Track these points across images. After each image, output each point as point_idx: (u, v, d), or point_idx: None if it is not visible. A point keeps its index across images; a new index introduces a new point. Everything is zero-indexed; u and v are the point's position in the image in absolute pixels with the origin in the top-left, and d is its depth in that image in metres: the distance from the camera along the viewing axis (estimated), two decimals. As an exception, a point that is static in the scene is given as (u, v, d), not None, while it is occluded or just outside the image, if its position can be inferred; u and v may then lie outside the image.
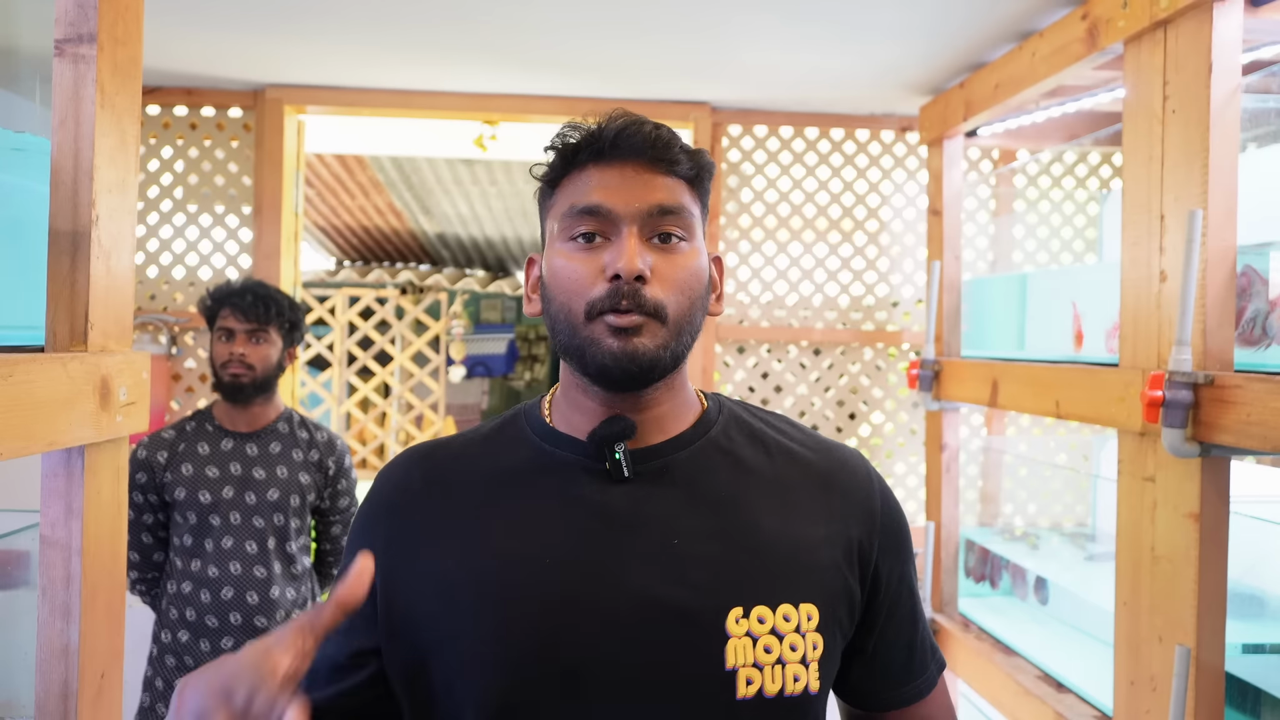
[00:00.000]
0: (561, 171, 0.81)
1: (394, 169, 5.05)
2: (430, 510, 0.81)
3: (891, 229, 2.78)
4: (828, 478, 0.84)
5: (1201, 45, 1.34)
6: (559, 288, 0.79)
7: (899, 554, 0.85)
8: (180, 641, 1.87)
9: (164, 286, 2.66)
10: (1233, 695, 1.40)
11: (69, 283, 0.92)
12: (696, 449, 0.82)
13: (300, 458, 1.98)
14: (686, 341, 0.79)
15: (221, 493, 1.89)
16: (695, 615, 0.75)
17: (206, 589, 1.87)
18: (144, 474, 1.90)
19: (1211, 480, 1.32)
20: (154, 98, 2.62)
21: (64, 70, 0.93)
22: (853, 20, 1.94)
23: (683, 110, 2.67)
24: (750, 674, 0.75)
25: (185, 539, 1.89)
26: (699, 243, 0.81)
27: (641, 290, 0.76)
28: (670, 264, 0.78)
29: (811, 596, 0.78)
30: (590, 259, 0.77)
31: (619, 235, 0.77)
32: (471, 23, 2.03)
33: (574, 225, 0.78)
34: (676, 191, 0.79)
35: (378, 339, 6.27)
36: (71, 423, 0.89)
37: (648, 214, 0.77)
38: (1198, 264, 1.31)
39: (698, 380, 2.72)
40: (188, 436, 1.94)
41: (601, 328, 0.76)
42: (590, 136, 0.79)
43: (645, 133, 0.78)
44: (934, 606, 2.28)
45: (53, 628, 0.94)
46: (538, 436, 0.84)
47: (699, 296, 0.80)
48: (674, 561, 0.76)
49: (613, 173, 0.78)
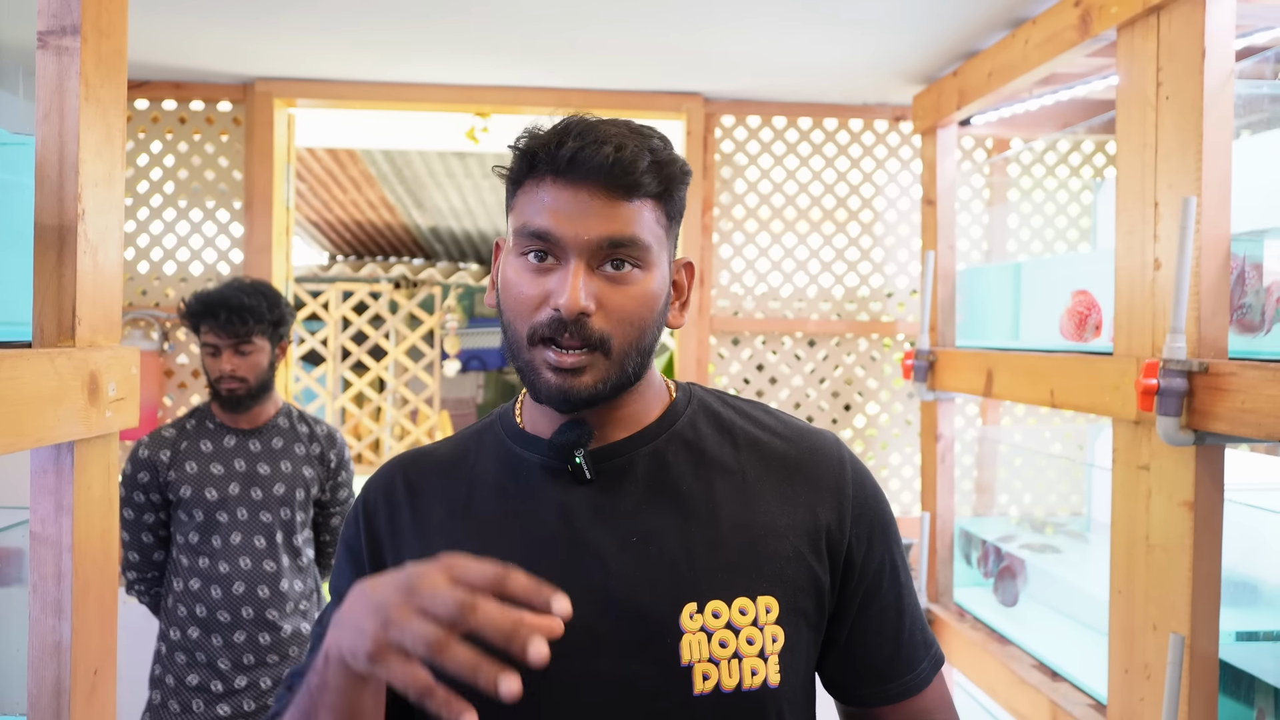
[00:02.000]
0: (520, 175, 0.79)
1: (386, 162, 5.03)
2: (411, 518, 0.83)
3: (885, 219, 2.77)
4: (795, 465, 0.83)
5: (1195, 31, 1.34)
6: (507, 303, 0.79)
7: (875, 540, 0.83)
8: (191, 638, 1.88)
9: (155, 282, 2.65)
10: (1226, 683, 1.41)
11: (56, 277, 0.91)
12: (660, 443, 0.82)
13: (303, 452, 1.99)
14: (634, 366, 0.79)
15: (228, 489, 1.90)
16: (650, 612, 0.76)
17: (217, 585, 1.88)
18: (146, 473, 1.90)
19: (1206, 468, 1.32)
20: (142, 91, 2.60)
21: (47, 63, 0.92)
22: (845, 9, 1.93)
23: (675, 101, 2.66)
24: (706, 669, 0.75)
25: (191, 536, 1.90)
26: (657, 265, 0.78)
27: (586, 323, 0.75)
28: (619, 293, 0.76)
29: (770, 589, 0.77)
30: (537, 281, 0.76)
31: (566, 264, 0.75)
32: (463, 14, 2.02)
33: (524, 243, 0.77)
34: (633, 220, 0.75)
35: (372, 334, 6.25)
36: (60, 418, 0.88)
37: (597, 246, 0.75)
38: (1192, 251, 1.31)
39: (690, 372, 2.72)
40: (189, 434, 1.94)
41: (541, 358, 0.76)
42: (547, 151, 0.75)
43: (603, 155, 0.73)
44: (929, 597, 2.28)
45: (44, 625, 0.93)
46: (509, 439, 0.85)
47: (650, 321, 0.78)
48: (631, 561, 0.77)
49: (567, 195, 0.75)
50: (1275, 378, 1.15)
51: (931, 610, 2.24)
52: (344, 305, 6.09)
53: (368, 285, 6.23)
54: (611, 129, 0.76)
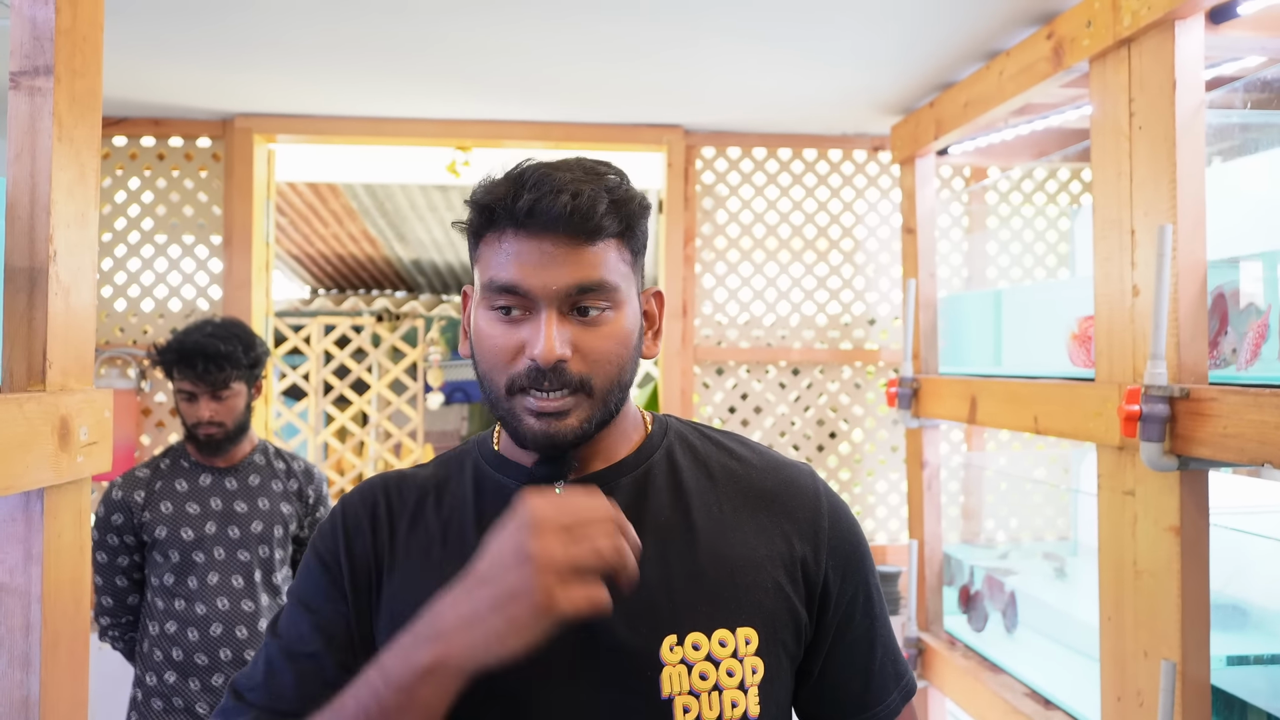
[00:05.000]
0: (480, 228, 0.78)
1: (367, 196, 5.03)
2: (391, 540, 0.82)
3: (866, 247, 2.79)
4: (772, 497, 0.83)
5: (1165, 62, 1.36)
6: (481, 354, 0.78)
7: (850, 572, 0.83)
8: (168, 683, 1.84)
9: (132, 319, 2.62)
10: (1219, 707, 1.40)
11: (26, 320, 0.90)
12: (638, 475, 0.82)
13: (280, 488, 1.97)
14: (616, 402, 0.79)
15: (204, 529, 1.87)
16: (629, 645, 0.75)
17: (194, 627, 1.84)
18: (120, 515, 1.86)
19: (1190, 493, 1.33)
20: (120, 129, 2.59)
21: (20, 103, 0.91)
22: (822, 43, 1.96)
23: (656, 133, 2.67)
24: (687, 702, 0.75)
25: (166, 578, 1.86)
26: (628, 299, 0.79)
27: (565, 369, 0.75)
28: (594, 336, 0.76)
29: (750, 620, 0.77)
30: (510, 333, 0.76)
31: (537, 315, 0.75)
32: (443, 49, 2.03)
33: (493, 297, 0.76)
34: (599, 263, 0.75)
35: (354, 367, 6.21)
36: (29, 465, 0.86)
37: (566, 293, 0.75)
38: (1169, 278, 1.32)
39: (675, 402, 2.71)
40: (163, 474, 1.91)
41: (522, 405, 0.76)
42: (504, 205, 0.75)
43: (561, 204, 0.73)
44: (919, 625, 2.27)
45: (11, 679, 0.90)
46: (488, 465, 0.84)
47: (627, 358, 0.79)
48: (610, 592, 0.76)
49: (530, 246, 0.74)
50: (1256, 402, 1.15)
51: (922, 639, 2.22)
52: (326, 339, 6.04)
53: (350, 319, 6.19)
54: (567, 175, 0.75)
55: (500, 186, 0.76)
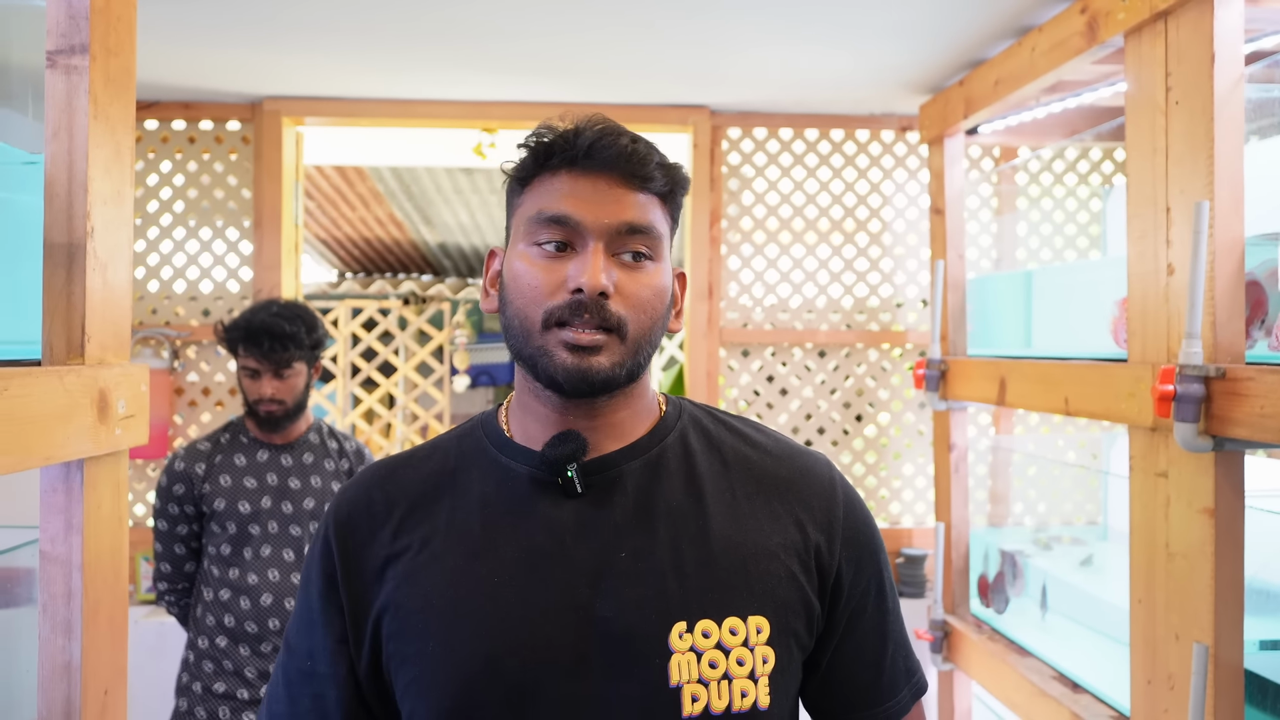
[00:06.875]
0: (533, 171, 0.79)
1: (394, 179, 5.06)
2: (390, 535, 0.80)
3: (894, 229, 2.76)
4: (786, 485, 0.82)
5: (1203, 35, 1.33)
6: (518, 292, 0.77)
7: (864, 564, 0.82)
8: (219, 647, 1.90)
9: (165, 301, 2.66)
10: (1252, 692, 1.38)
11: (65, 295, 0.91)
12: (650, 457, 0.81)
13: (332, 467, 2.02)
14: (644, 358, 0.78)
15: (260, 503, 1.93)
16: (638, 631, 0.74)
17: (245, 596, 1.90)
18: (182, 485, 1.94)
19: (1225, 475, 1.30)
20: (151, 112, 2.62)
21: (56, 82, 0.92)
22: (850, 20, 1.93)
23: (681, 114, 2.66)
24: (695, 690, 0.73)
25: (223, 548, 1.92)
26: (665, 261, 0.80)
27: (605, 305, 0.75)
28: (635, 281, 0.77)
29: (761, 609, 0.76)
30: (553, 268, 0.76)
31: (585, 248, 0.76)
32: (469, 31, 2.03)
33: (539, 231, 0.77)
34: (648, 209, 0.77)
35: (381, 350, 6.28)
36: (69, 436, 0.88)
37: (616, 231, 0.76)
38: (1205, 256, 1.30)
39: (701, 385, 2.71)
40: (223, 448, 1.98)
41: (556, 340, 0.75)
42: (565, 141, 0.77)
43: (621, 145, 0.76)
44: (945, 608, 2.26)
45: (54, 645, 0.92)
46: (495, 448, 0.83)
47: (660, 315, 0.79)
48: (619, 577, 0.75)
49: (584, 183, 0.76)
50: (1294, 382, 1.13)
51: (949, 621, 2.22)
52: (353, 322, 6.10)
53: (376, 302, 6.24)
54: (623, 127, 0.79)
55: (558, 129, 0.78)
